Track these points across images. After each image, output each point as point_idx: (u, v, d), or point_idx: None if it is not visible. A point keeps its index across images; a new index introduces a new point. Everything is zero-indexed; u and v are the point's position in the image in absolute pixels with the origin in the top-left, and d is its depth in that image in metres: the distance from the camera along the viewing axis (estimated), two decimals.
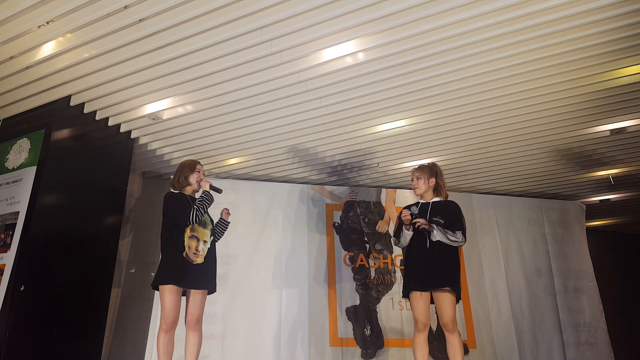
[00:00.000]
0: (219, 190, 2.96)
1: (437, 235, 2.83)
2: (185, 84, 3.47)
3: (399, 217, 3.03)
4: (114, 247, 4.24)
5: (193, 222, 2.77)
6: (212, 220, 3.01)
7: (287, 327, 4.41)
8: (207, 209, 2.85)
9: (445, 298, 2.78)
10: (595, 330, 5.02)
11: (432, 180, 3.03)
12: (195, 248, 2.79)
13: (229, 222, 3.13)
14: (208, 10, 2.78)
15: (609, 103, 3.68)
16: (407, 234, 2.97)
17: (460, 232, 2.85)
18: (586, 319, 5.05)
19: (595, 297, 5.18)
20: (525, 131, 4.12)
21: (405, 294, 2.99)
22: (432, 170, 3.06)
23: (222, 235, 3.12)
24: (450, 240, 2.82)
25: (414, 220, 2.89)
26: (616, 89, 3.48)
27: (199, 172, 2.98)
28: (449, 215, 2.92)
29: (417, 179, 3.03)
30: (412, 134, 4.20)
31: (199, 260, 2.78)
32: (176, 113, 3.89)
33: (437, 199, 3.04)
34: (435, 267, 2.82)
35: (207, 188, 2.91)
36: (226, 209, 3.12)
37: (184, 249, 2.75)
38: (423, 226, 2.84)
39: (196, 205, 2.79)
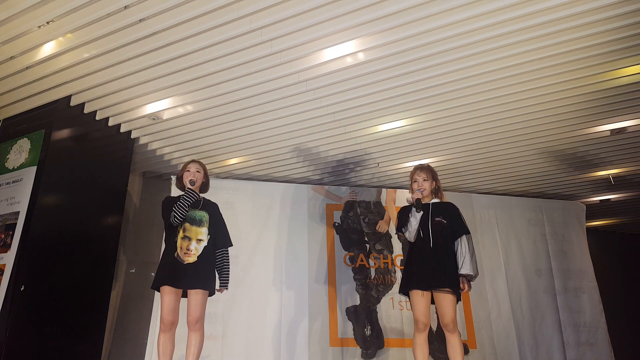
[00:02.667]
0: (190, 185, 2.89)
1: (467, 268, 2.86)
2: (185, 84, 3.47)
3: (401, 211, 3.09)
4: (114, 247, 4.24)
5: (173, 222, 2.81)
6: (210, 219, 2.96)
7: (287, 327, 4.41)
8: (184, 208, 2.83)
9: (447, 298, 2.79)
10: (595, 330, 5.02)
11: (434, 182, 3.05)
12: (187, 247, 2.79)
13: (184, 197, 2.85)
14: (208, 10, 2.78)
15: (609, 103, 3.68)
16: (414, 222, 2.94)
17: (465, 235, 2.91)
18: (586, 319, 5.05)
19: (595, 297, 5.18)
20: (525, 131, 4.12)
21: (404, 292, 3.00)
22: (433, 171, 3.09)
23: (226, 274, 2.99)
24: (473, 259, 2.87)
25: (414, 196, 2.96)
26: (616, 89, 3.48)
27: (189, 171, 2.97)
28: (451, 217, 2.94)
29: (424, 180, 3.01)
30: (412, 134, 4.20)
31: (190, 259, 2.78)
32: (176, 113, 3.89)
33: (435, 200, 3.05)
34: (438, 267, 2.83)
35: (188, 185, 2.91)
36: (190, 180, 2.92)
37: (176, 250, 2.79)
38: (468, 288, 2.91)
39: (174, 206, 2.82)
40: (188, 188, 2.90)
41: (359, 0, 2.68)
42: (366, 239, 4.94)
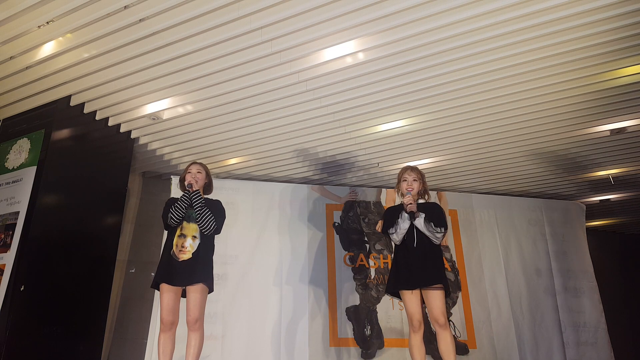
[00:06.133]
0: (189, 186, 2.90)
1: (421, 222, 2.89)
2: (185, 84, 3.47)
3: (387, 212, 3.12)
4: (114, 247, 4.24)
5: (170, 223, 2.84)
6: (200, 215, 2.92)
7: (287, 327, 4.41)
8: (182, 210, 2.83)
9: (436, 295, 2.83)
10: (595, 330, 5.02)
11: (421, 184, 3.09)
12: (182, 245, 2.80)
13: (190, 194, 2.87)
14: (208, 10, 2.78)
15: (609, 103, 3.68)
16: (402, 227, 2.96)
17: (442, 228, 2.93)
18: (586, 319, 5.04)
19: (595, 297, 5.18)
20: (525, 131, 4.12)
21: (393, 292, 3.03)
22: (422, 173, 3.13)
23: (202, 215, 2.82)
24: (429, 231, 2.89)
25: (405, 200, 2.96)
26: (616, 89, 3.48)
27: (190, 173, 2.99)
28: (432, 215, 2.97)
29: (414, 180, 3.05)
30: (412, 134, 4.20)
31: (185, 256, 2.79)
32: (176, 113, 3.89)
33: (421, 200, 3.10)
34: (424, 266, 2.86)
35: (187, 188, 2.93)
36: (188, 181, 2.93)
37: (172, 248, 2.81)
38: (411, 209, 2.91)
39: (171, 208, 2.84)
40: (186, 190, 2.92)
41: (359, 0, 2.68)
42: (366, 239, 4.94)
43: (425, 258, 2.88)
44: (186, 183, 2.94)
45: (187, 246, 2.80)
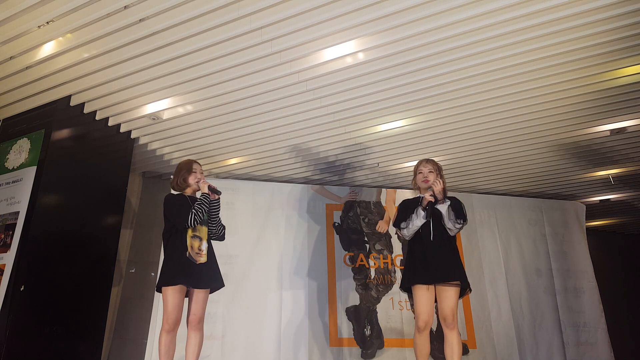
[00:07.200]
0: (217, 192, 2.88)
1: (445, 207, 2.76)
2: (185, 84, 3.47)
3: (402, 205, 3.00)
4: (114, 247, 4.24)
5: (192, 225, 2.76)
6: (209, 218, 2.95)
7: (287, 327, 4.41)
8: (205, 210, 2.81)
9: (451, 292, 2.71)
10: (595, 330, 5.02)
11: (439, 176, 2.92)
12: (198, 247, 2.78)
13: (209, 198, 2.86)
14: (208, 10, 2.78)
15: (609, 103, 3.68)
16: (416, 223, 2.83)
17: (462, 220, 2.80)
18: (586, 319, 5.05)
19: (595, 297, 5.18)
20: (525, 131, 4.12)
21: (407, 287, 2.90)
22: (439, 166, 2.99)
23: (219, 220, 2.95)
24: (450, 219, 2.76)
25: (431, 185, 2.83)
26: (616, 89, 3.48)
27: (195, 172, 2.94)
28: (454, 205, 2.83)
29: (430, 172, 2.91)
30: (412, 134, 4.20)
31: (203, 259, 2.77)
32: (176, 113, 3.89)
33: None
34: (443, 260, 2.75)
35: (206, 190, 2.87)
36: (210, 186, 2.90)
37: (187, 249, 2.74)
38: (438, 194, 2.77)
39: (194, 208, 2.76)
40: (205, 194, 2.85)
41: (359, 0, 2.68)
42: (366, 239, 4.94)
43: (443, 252, 2.76)
44: (210, 186, 2.87)
45: (204, 249, 2.80)
